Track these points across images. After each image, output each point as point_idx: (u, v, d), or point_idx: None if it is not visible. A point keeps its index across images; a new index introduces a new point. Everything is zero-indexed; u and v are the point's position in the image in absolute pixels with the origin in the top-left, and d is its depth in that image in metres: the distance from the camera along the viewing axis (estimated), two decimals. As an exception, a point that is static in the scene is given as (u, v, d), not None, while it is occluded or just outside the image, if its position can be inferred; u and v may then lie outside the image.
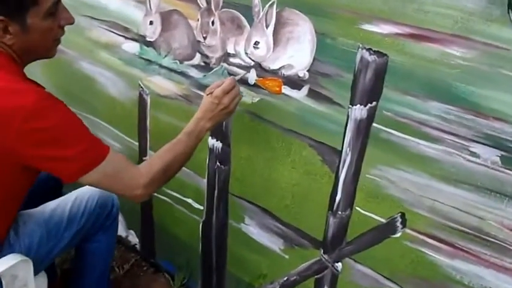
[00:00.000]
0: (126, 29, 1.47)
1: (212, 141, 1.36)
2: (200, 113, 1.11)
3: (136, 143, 1.60)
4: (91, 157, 0.99)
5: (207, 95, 1.10)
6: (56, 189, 1.32)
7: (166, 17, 1.35)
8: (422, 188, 0.99)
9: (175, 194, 1.51)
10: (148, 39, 1.41)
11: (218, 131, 1.30)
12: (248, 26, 1.17)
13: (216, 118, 1.11)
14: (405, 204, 1.02)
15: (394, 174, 1.02)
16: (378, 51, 0.97)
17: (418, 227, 1.02)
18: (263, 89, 1.19)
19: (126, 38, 1.49)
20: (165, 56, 1.39)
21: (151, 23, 1.38)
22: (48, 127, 0.94)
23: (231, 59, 1.24)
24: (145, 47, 1.44)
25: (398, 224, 1.04)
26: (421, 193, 0.99)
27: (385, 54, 0.96)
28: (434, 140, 0.95)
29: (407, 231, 1.03)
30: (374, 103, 1.00)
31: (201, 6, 1.24)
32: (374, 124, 1.02)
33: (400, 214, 1.03)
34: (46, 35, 1.02)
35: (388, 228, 1.06)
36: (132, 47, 1.48)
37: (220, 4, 1.20)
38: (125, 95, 1.56)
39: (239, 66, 1.23)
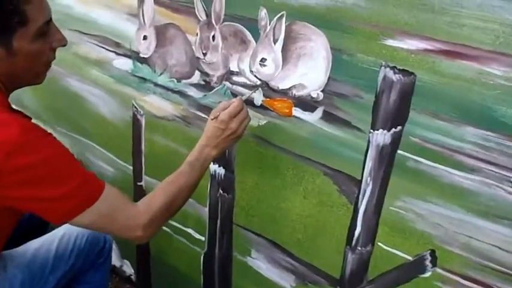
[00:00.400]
0: (118, 45, 1.35)
1: (214, 167, 1.24)
2: (204, 140, 0.99)
3: (131, 167, 1.48)
4: (83, 196, 0.86)
5: (212, 119, 0.97)
6: (41, 225, 1.18)
7: (161, 32, 1.23)
8: (455, 223, 0.87)
9: (173, 223, 1.40)
10: (142, 55, 1.29)
11: (221, 157, 1.17)
12: (253, 41, 1.06)
13: (222, 145, 0.99)
14: (435, 241, 0.90)
15: (423, 207, 0.90)
16: (403, 70, 0.86)
17: (450, 267, 0.90)
18: (271, 110, 1.07)
19: (117, 54, 1.37)
20: (161, 73, 1.27)
21: (145, 37, 1.26)
22: (34, 163, 0.82)
23: (234, 78, 1.12)
24: (138, 64, 1.32)
25: (427, 262, 0.92)
26: (455, 229, 0.87)
27: (412, 73, 0.85)
28: (470, 169, 0.83)
29: (438, 270, 0.92)
30: (399, 128, 0.89)
31: (200, 19, 1.12)
32: (399, 151, 0.91)
33: (429, 251, 0.92)
34: (35, 59, 0.89)
35: (416, 267, 0.94)
36: (124, 64, 1.36)
37: (222, 17, 1.08)
38: (118, 116, 1.43)
39: (243, 85, 1.11)
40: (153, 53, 1.27)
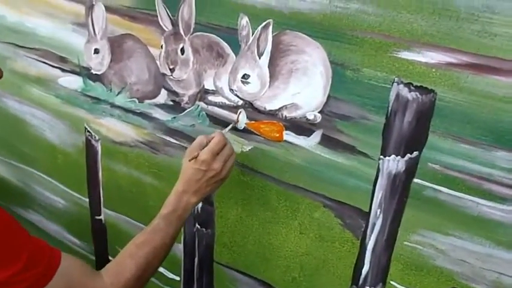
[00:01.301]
0: (63, 59, 1.13)
1: None
2: (182, 185, 0.82)
3: (86, 199, 1.25)
4: (36, 274, 0.64)
5: (190, 160, 0.78)
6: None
7: (116, 44, 1.03)
8: (482, 258, 0.75)
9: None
10: (94, 71, 1.07)
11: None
12: (233, 55, 0.89)
13: (204, 190, 0.82)
14: (458, 278, 0.78)
15: (443, 242, 0.78)
16: (421, 87, 0.72)
17: (476, 306, 0.76)
18: (257, 134, 0.89)
19: (63, 70, 1.14)
20: (119, 92, 1.06)
21: (96, 51, 1.04)
22: None
23: (210, 97, 0.94)
24: (90, 82, 1.10)
25: (449, 302, 0.78)
26: (481, 264, 0.75)
27: (432, 91, 0.72)
28: (500, 199, 0.71)
29: (462, 310, 0.78)
30: (415, 153, 0.76)
31: (165, 29, 0.93)
32: (415, 180, 0.78)
33: (452, 290, 0.77)
34: None
35: (435, 308, 0.80)
36: (72, 82, 1.14)
37: (192, 26, 0.90)
38: (68, 141, 1.22)
39: (221, 105, 0.93)
40: (108, 69, 1.06)
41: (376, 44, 0.74)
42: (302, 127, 0.85)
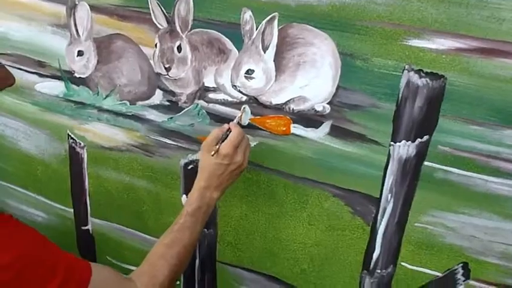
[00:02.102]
0: (41, 64, 1.03)
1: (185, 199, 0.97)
2: (204, 181, 0.77)
3: (71, 209, 1.15)
4: None
5: (212, 155, 0.73)
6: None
7: (104, 45, 0.95)
8: (491, 232, 0.76)
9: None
10: (77, 75, 0.99)
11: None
12: (235, 50, 0.84)
13: (226, 183, 0.79)
14: (468, 253, 0.79)
15: (454, 220, 0.78)
16: (431, 73, 0.72)
17: (485, 277, 0.80)
18: (262, 130, 0.85)
19: (41, 75, 1.04)
20: (107, 96, 0.98)
21: (80, 53, 0.95)
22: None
23: (211, 95, 0.88)
24: (73, 86, 1.01)
25: (459, 276, 0.81)
26: (490, 238, 0.77)
27: (442, 76, 0.71)
28: (507, 174, 0.73)
29: (472, 282, 0.81)
30: (426, 137, 0.76)
31: (160, 27, 0.86)
32: (426, 163, 0.77)
33: (461, 265, 0.79)
34: None
35: (446, 282, 0.83)
36: (52, 88, 1.04)
37: (190, 23, 0.84)
38: (48, 151, 1.11)
39: (223, 103, 0.88)
40: (94, 72, 0.98)
41: (387, 33, 0.72)
42: (310, 119, 0.83)
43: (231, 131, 0.78)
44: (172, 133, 0.96)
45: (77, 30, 0.95)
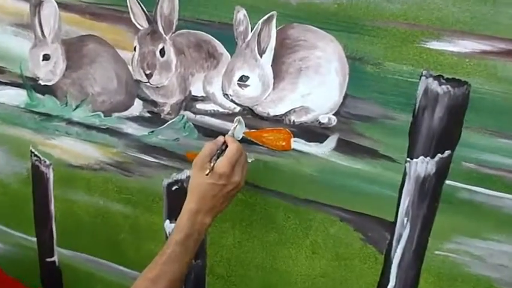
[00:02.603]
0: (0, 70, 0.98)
1: (170, 226, 0.95)
2: (195, 203, 0.74)
3: (34, 238, 1.11)
4: None
5: (207, 174, 0.71)
6: None
7: (74, 48, 0.93)
8: (523, 261, 0.74)
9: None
10: (43, 82, 0.96)
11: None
12: (227, 54, 0.83)
13: (220, 207, 0.76)
14: (498, 284, 0.79)
15: (480, 247, 0.78)
16: (452, 79, 0.71)
17: (516, 312, 0.76)
18: (259, 145, 0.84)
19: None
20: (77, 106, 0.96)
21: (46, 57, 0.93)
22: None
23: (199, 105, 0.87)
24: (38, 95, 0.99)
25: (486, 311, 0.77)
26: (522, 267, 0.74)
27: (465, 82, 0.70)
28: (541, 195, 0.70)
29: (501, 318, 0.77)
30: (447, 152, 0.75)
31: (140, 27, 0.84)
32: (447, 181, 0.76)
33: (489, 298, 0.77)
34: None
35: (471, 319, 0.78)
36: (11, 97, 1.02)
37: (175, 23, 0.82)
38: (6, 171, 1.09)
39: (213, 114, 0.87)
40: (62, 79, 0.96)
41: (401, 35, 0.71)
42: (314, 132, 0.81)
43: (227, 146, 0.76)
44: (154, 149, 0.94)
45: (42, 31, 0.93)
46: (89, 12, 0.89)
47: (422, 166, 0.76)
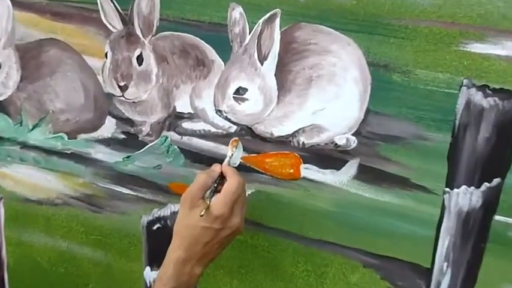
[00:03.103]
0: None
1: (150, 275, 0.97)
2: (183, 250, 0.74)
3: (-20, 291, 1.10)
4: None
5: (201, 215, 0.72)
6: None
7: (31, 55, 0.95)
8: None
9: None
10: None
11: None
12: (220, 61, 0.83)
13: (213, 254, 0.76)
14: None
15: None
16: (501, 90, 0.71)
17: None
18: (261, 173, 0.85)
19: None
20: (34, 126, 0.97)
21: None
22: None
23: (185, 124, 0.89)
24: None
25: None
26: None
27: (517, 94, 0.69)
28: None
29: None
30: (496, 181, 0.74)
31: (112, 29, 0.85)
32: (497, 217, 0.76)
33: None
34: None
35: None
36: None
37: (155, 24, 0.83)
38: None
39: (204, 135, 0.88)
40: (16, 92, 0.97)
41: (435, 36, 0.71)
42: (329, 157, 0.82)
43: (223, 177, 0.75)
44: (130, 179, 0.95)
45: (-10, 33, 0.93)
46: (49, 12, 0.90)
47: (465, 198, 0.76)
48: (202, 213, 0.72)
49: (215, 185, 0.75)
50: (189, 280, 0.74)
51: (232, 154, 0.81)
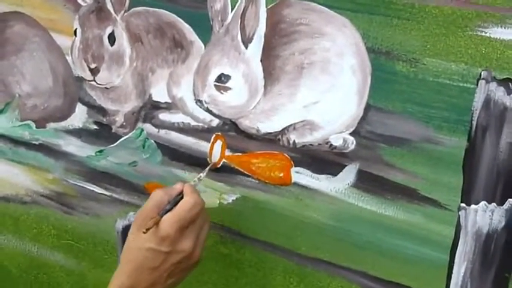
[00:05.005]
0: None
1: None
2: (126, 277, 0.77)
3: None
4: None
5: (144, 232, 0.75)
6: None
7: None
8: None
9: None
10: None
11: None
12: (199, 43, 0.86)
13: (164, 283, 0.78)
14: None
15: None
16: None
17: None
18: (246, 175, 0.88)
19: None
20: (0, 111, 1.00)
21: None
22: None
23: (162, 116, 0.92)
24: None
25: None
26: None
27: (547, 91, 0.69)
28: None
29: None
30: None
31: (82, 2, 0.90)
32: None
33: None
34: None
35: None
36: None
37: (128, -2, 0.85)
38: None
39: (182, 128, 0.91)
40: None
41: (447, 17, 0.71)
42: (324, 160, 0.83)
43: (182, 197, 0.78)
44: (104, 176, 0.99)
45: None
46: (14, -20, 0.94)
47: (485, 217, 0.76)
48: (144, 229, 0.74)
49: (172, 205, 0.77)
50: None
51: (201, 176, 0.84)
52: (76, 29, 0.91)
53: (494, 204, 0.75)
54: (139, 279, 0.77)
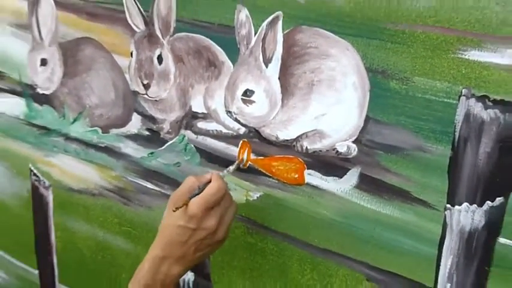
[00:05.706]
0: (-1, 75, 1.14)
1: None
2: (160, 249, 0.80)
3: (36, 271, 1.24)
4: None
5: (174, 210, 0.78)
6: None
7: (70, 53, 1.06)
8: None
9: None
10: (41, 90, 1.11)
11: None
12: (229, 63, 0.89)
13: (192, 256, 0.81)
14: None
15: None
16: (502, 101, 0.69)
17: None
18: (267, 176, 0.90)
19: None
20: (75, 119, 1.09)
21: (43, 62, 1.07)
22: None
23: (200, 124, 0.95)
24: (36, 106, 1.14)
25: None
26: None
27: (519, 106, 0.68)
28: None
29: None
30: (499, 200, 0.73)
31: (136, 29, 0.93)
32: (501, 239, 0.74)
33: None
34: None
35: None
36: (11, 106, 1.19)
37: (172, 25, 0.90)
38: (8, 190, 1.25)
39: (216, 135, 0.94)
40: (60, 87, 1.08)
41: (432, 41, 0.72)
42: (331, 164, 0.84)
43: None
44: (154, 174, 1.03)
45: (39, 32, 1.06)
46: (86, 12, 1.01)
47: (467, 217, 0.75)
48: (174, 208, 0.77)
49: (201, 190, 0.79)
50: (165, 279, 0.80)
51: (229, 169, 0.86)
52: (132, 51, 0.96)
53: (475, 205, 0.74)
54: (171, 251, 0.79)
